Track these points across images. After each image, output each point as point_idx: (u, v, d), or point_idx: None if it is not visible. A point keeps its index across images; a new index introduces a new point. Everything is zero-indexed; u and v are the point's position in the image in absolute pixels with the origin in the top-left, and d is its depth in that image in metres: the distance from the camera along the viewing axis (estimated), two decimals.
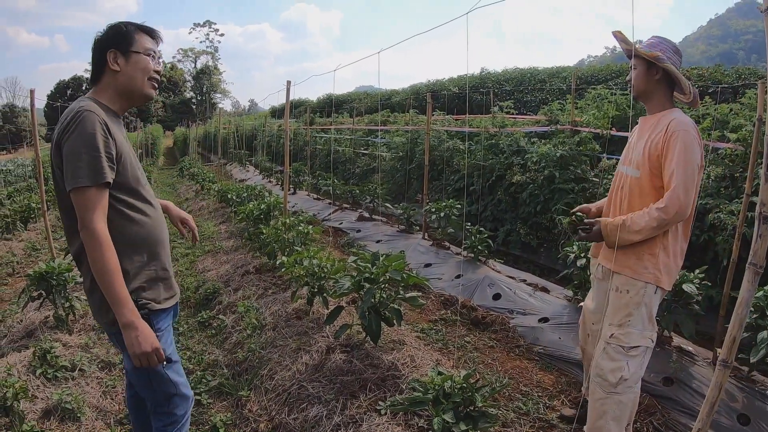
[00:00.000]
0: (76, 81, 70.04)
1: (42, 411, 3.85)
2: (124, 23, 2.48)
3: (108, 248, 2.20)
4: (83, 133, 2.21)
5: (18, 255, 9.78)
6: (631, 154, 3.21)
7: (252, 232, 7.72)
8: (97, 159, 2.21)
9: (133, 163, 2.45)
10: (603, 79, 17.42)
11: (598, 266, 3.43)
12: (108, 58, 2.41)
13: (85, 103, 2.32)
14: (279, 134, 23.28)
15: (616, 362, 3.06)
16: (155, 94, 2.67)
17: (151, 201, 2.55)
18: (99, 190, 2.22)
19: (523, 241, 8.21)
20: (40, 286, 5.27)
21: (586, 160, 7.78)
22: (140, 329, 2.23)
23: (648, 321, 3.06)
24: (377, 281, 4.14)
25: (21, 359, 4.47)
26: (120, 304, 2.20)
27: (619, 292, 3.11)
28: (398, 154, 12.71)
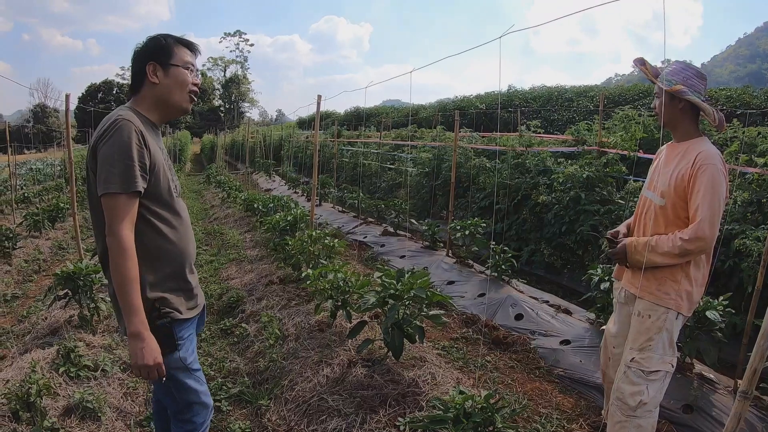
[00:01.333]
0: (107, 84, 71.07)
1: (63, 408, 3.91)
2: (163, 36, 2.52)
3: (130, 257, 2.24)
4: (118, 141, 2.25)
5: (45, 253, 10.01)
6: (656, 180, 3.22)
7: (277, 242, 7.78)
8: (129, 167, 2.25)
9: (167, 175, 2.48)
10: (631, 99, 17.36)
11: (621, 290, 3.45)
12: (147, 71, 2.45)
13: (124, 112, 2.37)
14: (306, 145, 23.41)
15: (636, 386, 3.08)
16: (190, 109, 2.68)
17: (181, 213, 2.58)
18: (129, 198, 2.26)
19: (547, 262, 8.19)
20: (66, 285, 5.38)
21: (612, 182, 7.75)
22: (146, 341, 2.27)
23: (668, 346, 3.08)
24: (402, 298, 4.17)
25: (45, 356, 4.55)
26: (131, 313, 2.25)
27: (641, 317, 3.13)
28: (424, 170, 12.73)
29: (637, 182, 7.10)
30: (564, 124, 18.38)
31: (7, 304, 7.33)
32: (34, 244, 10.34)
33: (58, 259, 9.98)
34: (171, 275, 2.50)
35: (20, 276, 8.66)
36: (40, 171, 25.50)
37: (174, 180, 2.59)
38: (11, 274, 8.52)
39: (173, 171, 2.64)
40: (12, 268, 8.74)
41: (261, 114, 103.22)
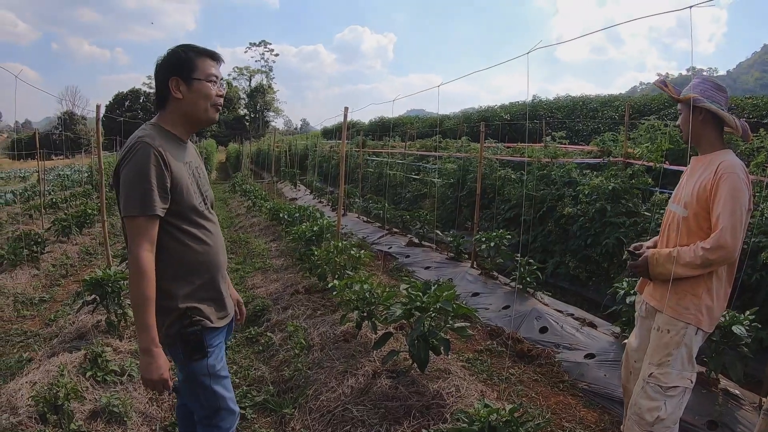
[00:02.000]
0: (134, 93, 71.90)
1: (89, 412, 3.96)
2: (184, 48, 2.53)
3: (146, 277, 2.29)
4: (137, 165, 2.31)
5: (72, 258, 10.14)
6: (681, 193, 3.23)
7: (303, 252, 7.82)
8: (148, 191, 2.29)
9: (191, 191, 2.50)
10: (656, 109, 17.19)
11: (642, 304, 3.44)
12: (170, 86, 2.47)
13: (146, 132, 2.41)
14: (331, 155, 23.48)
15: (653, 401, 3.07)
16: (217, 119, 2.72)
17: (209, 226, 2.61)
18: (148, 220, 2.32)
19: (572, 274, 8.15)
20: (95, 291, 5.44)
21: (638, 193, 7.69)
22: (154, 357, 2.32)
23: (687, 362, 3.07)
24: (427, 310, 4.17)
25: (72, 360, 4.62)
26: (142, 330, 2.30)
27: (660, 332, 3.12)
28: (449, 180, 12.74)
29: (663, 194, 7.04)
30: (589, 135, 18.27)
31: (35, 308, 7.45)
32: (62, 249, 10.48)
33: (85, 264, 10.12)
34: (203, 286, 2.55)
35: (48, 280, 8.79)
36: (68, 177, 25.85)
37: (204, 192, 2.64)
38: (39, 278, 8.65)
39: (205, 182, 2.70)
40: (40, 272, 8.87)
41: (286, 123, 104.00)
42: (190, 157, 2.62)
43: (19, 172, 34.76)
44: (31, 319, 6.99)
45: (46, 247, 9.76)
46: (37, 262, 9.11)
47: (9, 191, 20.97)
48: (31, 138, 17.72)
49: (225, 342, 2.80)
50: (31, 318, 7.06)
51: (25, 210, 15.33)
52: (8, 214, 15.11)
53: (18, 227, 12.26)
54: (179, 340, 2.45)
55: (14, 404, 3.93)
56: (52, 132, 54.82)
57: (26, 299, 7.65)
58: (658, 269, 3.11)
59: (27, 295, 7.79)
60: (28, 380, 4.27)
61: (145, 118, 61.60)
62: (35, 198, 18.01)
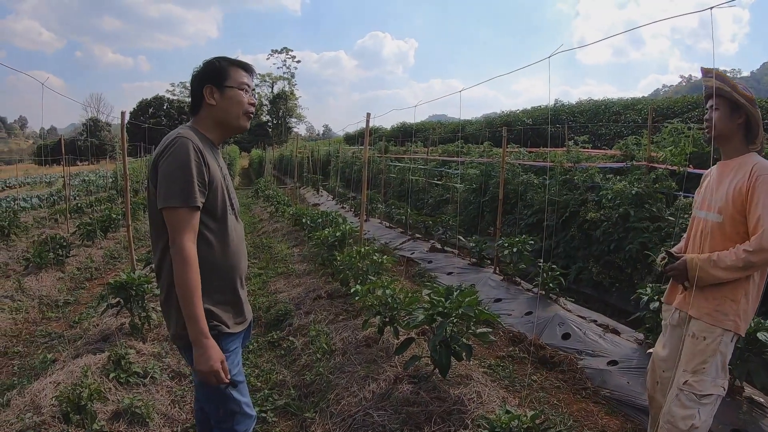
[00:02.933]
0: (158, 100, 72.56)
1: (112, 413, 4.02)
2: (218, 59, 2.62)
3: (192, 267, 2.33)
4: (178, 158, 2.36)
5: (96, 261, 10.29)
6: (710, 199, 3.16)
7: (326, 257, 7.84)
8: (189, 182, 2.35)
9: (224, 192, 2.56)
10: (679, 111, 17.04)
11: (674, 312, 3.36)
12: (205, 93, 2.56)
13: (184, 130, 2.48)
14: (353, 161, 23.52)
15: (688, 410, 3.02)
16: (248, 126, 2.76)
17: (235, 229, 2.65)
18: (190, 211, 2.36)
19: (595, 280, 8.09)
20: (119, 294, 5.53)
21: (661, 198, 7.62)
22: (206, 348, 2.34)
23: (721, 369, 3.03)
24: (450, 315, 4.15)
25: (96, 361, 4.70)
26: (192, 321, 2.33)
27: (695, 339, 3.07)
28: (471, 186, 12.71)
29: (687, 198, 6.96)
30: (612, 139, 18.16)
31: (60, 310, 7.56)
32: (86, 253, 10.63)
33: (109, 267, 10.23)
34: (221, 288, 2.57)
35: (72, 283, 8.92)
36: (93, 182, 26.16)
37: (232, 198, 2.68)
38: (64, 281, 8.78)
39: (232, 189, 2.73)
40: (65, 275, 9.01)
41: (308, 129, 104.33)
42: (221, 162, 2.67)
43: (45, 177, 35.18)
44: (55, 321, 7.09)
45: (71, 251, 9.92)
46: (62, 265, 9.25)
47: (35, 196, 21.29)
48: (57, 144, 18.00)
49: (244, 345, 2.83)
50: (55, 320, 7.15)
51: (50, 214, 15.58)
52: (34, 218, 15.35)
53: (44, 231, 12.47)
54: None
55: (38, 404, 4.00)
56: (77, 138, 55.54)
57: (51, 301, 7.76)
58: (698, 273, 3.03)
59: (52, 298, 7.90)
60: (52, 381, 4.34)
61: (169, 124, 62.20)
62: (61, 203, 18.26)
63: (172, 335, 2.56)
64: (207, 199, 2.45)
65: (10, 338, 6.42)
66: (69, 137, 53.97)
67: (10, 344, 6.25)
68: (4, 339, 6.34)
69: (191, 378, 4.84)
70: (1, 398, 4.40)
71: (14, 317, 6.94)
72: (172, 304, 2.45)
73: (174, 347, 5.38)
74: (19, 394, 4.27)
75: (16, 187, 29.91)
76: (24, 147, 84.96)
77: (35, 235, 12.11)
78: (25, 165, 44.13)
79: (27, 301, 7.49)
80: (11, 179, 33.05)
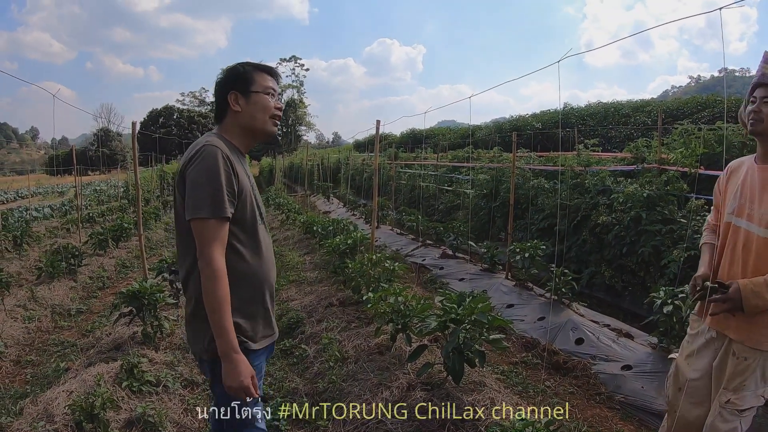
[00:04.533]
0: (168, 110, 72.92)
1: (125, 421, 4.02)
2: (242, 64, 2.58)
3: (221, 280, 2.26)
4: (207, 166, 2.30)
5: (108, 271, 10.34)
6: (750, 208, 2.91)
7: (337, 265, 7.84)
8: (218, 192, 2.29)
9: (253, 201, 2.51)
10: (689, 112, 16.99)
11: (707, 332, 3.15)
12: (229, 100, 2.51)
13: (211, 138, 2.43)
14: (363, 168, 23.59)
15: (730, 423, 2.93)
16: (276, 131, 2.71)
17: (264, 239, 2.60)
18: (219, 222, 2.30)
19: (608, 284, 8.05)
20: (131, 303, 5.56)
21: (673, 200, 7.57)
22: (236, 363, 2.28)
23: (761, 380, 2.91)
24: (462, 322, 4.14)
25: (108, 370, 4.71)
26: (221, 335, 2.26)
27: (736, 358, 2.93)
28: (482, 191, 12.70)
29: (699, 200, 6.92)
30: (622, 141, 18.12)
31: (72, 318, 7.59)
32: (98, 262, 10.68)
33: (121, 276, 10.28)
34: (251, 300, 2.52)
35: (85, 292, 8.96)
36: (104, 192, 26.32)
37: (260, 206, 2.63)
38: (76, 290, 8.82)
39: (260, 198, 2.67)
40: (77, 284, 9.05)
41: (318, 137, 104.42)
42: (249, 170, 2.63)
43: (56, 187, 35.41)
44: (68, 330, 7.11)
45: (83, 260, 9.96)
46: (74, 274, 9.29)
47: (47, 206, 21.41)
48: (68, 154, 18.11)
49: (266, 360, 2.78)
50: (68, 329, 7.17)
51: (62, 224, 15.67)
52: (46, 228, 15.44)
53: (56, 241, 12.52)
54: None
55: (51, 412, 4.01)
56: (89, 148, 55.85)
57: (64, 310, 7.79)
58: (754, 301, 2.72)
59: (64, 307, 7.92)
60: (65, 389, 4.35)
61: (179, 134, 62.37)
62: (72, 212, 18.32)
63: (198, 350, 2.49)
64: (236, 209, 2.39)
65: (23, 347, 6.43)
66: (80, 147, 54.28)
67: (23, 353, 6.26)
68: (17, 348, 6.36)
69: (204, 387, 4.86)
70: (15, 407, 4.43)
71: (27, 326, 6.96)
72: (199, 318, 2.38)
73: (187, 355, 5.39)
74: (32, 402, 4.28)
75: (28, 197, 30.07)
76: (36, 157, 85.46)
77: (47, 244, 12.15)
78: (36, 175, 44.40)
79: (40, 310, 7.52)
80: (23, 189, 33.22)
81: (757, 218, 2.85)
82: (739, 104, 3.04)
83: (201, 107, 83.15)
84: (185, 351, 5.54)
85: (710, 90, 24.64)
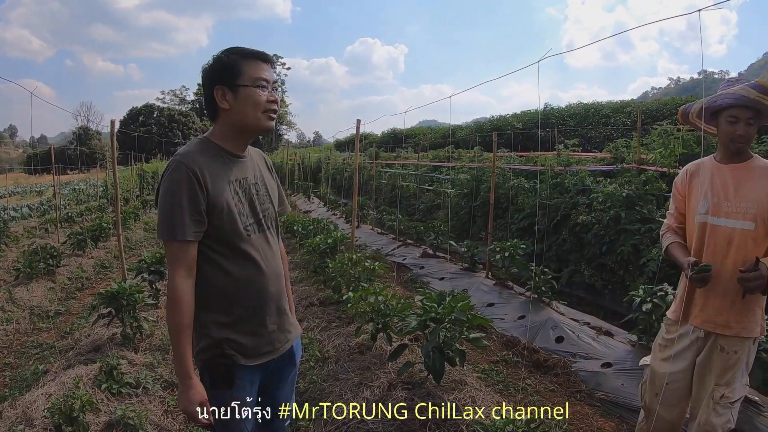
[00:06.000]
0: (148, 108, 72.32)
1: (104, 424, 4.00)
2: (227, 52, 2.31)
3: (180, 305, 2.17)
4: (168, 187, 2.18)
5: (87, 271, 10.26)
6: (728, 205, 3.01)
7: (318, 264, 7.84)
8: (179, 214, 2.15)
9: (233, 214, 2.29)
10: (668, 113, 17.12)
11: (693, 330, 3.16)
12: (216, 96, 2.27)
13: (188, 149, 2.28)
14: (344, 168, 23.58)
15: (724, 417, 3.00)
16: (273, 126, 2.42)
17: (260, 251, 2.39)
18: (180, 245, 2.18)
19: (588, 283, 8.11)
20: (110, 304, 5.52)
21: (652, 199, 7.64)
22: (187, 388, 2.20)
23: (745, 371, 3.04)
24: (442, 321, 4.15)
25: (87, 372, 4.68)
26: (176, 359, 2.21)
27: (726, 353, 3.01)
28: (462, 191, 12.74)
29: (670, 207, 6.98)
30: (602, 142, 18.25)
31: (51, 320, 7.51)
32: (77, 263, 10.57)
33: (100, 277, 10.20)
34: (242, 318, 2.36)
35: (63, 293, 8.89)
36: (83, 191, 26.07)
37: (261, 212, 2.44)
38: (55, 291, 8.74)
39: (265, 199, 2.48)
40: (56, 285, 8.96)
41: (299, 136, 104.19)
42: (246, 173, 2.42)
43: (34, 186, 35.02)
44: (46, 332, 7.04)
45: (62, 261, 9.88)
46: (52, 275, 9.20)
47: (25, 206, 21.17)
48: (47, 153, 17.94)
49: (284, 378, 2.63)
50: (46, 330, 7.10)
51: (41, 224, 15.51)
52: (24, 228, 15.29)
53: (34, 241, 12.40)
54: (207, 367, 2.32)
55: (30, 416, 3.99)
56: (67, 147, 55.32)
57: (42, 312, 7.72)
58: None
59: (43, 308, 7.85)
60: (44, 392, 4.32)
61: (159, 133, 61.89)
62: (51, 212, 18.15)
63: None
64: (210, 225, 2.23)
65: (1, 349, 6.38)
66: (59, 146, 53.72)
67: (1, 355, 6.22)
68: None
69: None
70: None
71: (5, 328, 6.90)
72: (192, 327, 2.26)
73: (167, 357, 5.38)
74: (10, 406, 4.24)
75: (5, 196, 29.71)
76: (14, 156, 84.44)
77: (26, 245, 12.04)
78: (14, 174, 43.84)
79: (18, 311, 7.45)
80: (0, 189, 32.88)
81: (739, 213, 2.97)
82: None
83: (181, 105, 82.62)
84: (165, 352, 5.52)
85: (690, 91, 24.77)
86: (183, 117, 71.98)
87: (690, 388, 3.18)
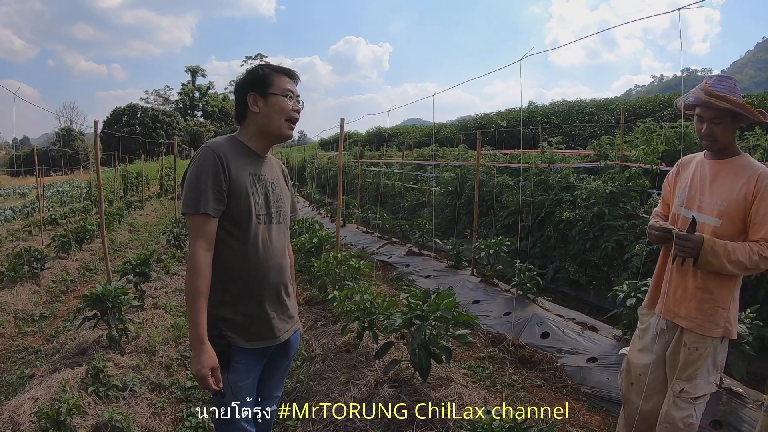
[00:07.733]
0: (131, 108, 72.14)
1: (92, 427, 3.97)
2: (261, 66, 2.63)
3: (200, 274, 2.39)
4: (197, 167, 2.44)
5: (72, 274, 10.15)
6: (700, 200, 3.08)
7: (303, 264, 7.84)
8: (203, 190, 2.39)
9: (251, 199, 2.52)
10: (651, 111, 17.22)
11: (658, 322, 3.27)
12: (248, 101, 2.58)
13: (216, 139, 2.59)
14: (329, 167, 23.55)
15: (685, 411, 3.03)
16: (292, 135, 2.78)
17: (265, 239, 2.60)
18: (202, 218, 2.41)
19: (572, 279, 8.16)
20: (95, 306, 5.49)
21: (635, 196, 7.70)
22: (199, 352, 2.37)
23: (713, 368, 3.04)
24: (428, 319, 4.17)
25: (74, 375, 4.64)
26: (192, 325, 2.39)
27: (688, 349, 3.06)
28: (447, 189, 12.76)
29: (660, 196, 7.03)
30: (585, 139, 18.32)
31: (36, 324, 7.44)
32: (62, 265, 10.49)
33: (85, 279, 10.11)
34: (242, 296, 2.57)
35: (48, 296, 8.80)
36: (67, 193, 25.92)
37: (275, 207, 2.68)
38: (39, 295, 8.65)
39: (281, 197, 2.74)
40: (40, 289, 8.87)
41: None
42: (264, 171, 2.68)
43: (18, 189, 34.73)
44: (32, 336, 6.99)
45: (46, 264, 9.80)
46: (37, 278, 9.12)
47: (8, 208, 21.03)
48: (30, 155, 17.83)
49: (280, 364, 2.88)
50: (32, 334, 7.05)
51: (24, 226, 15.35)
52: (8, 230, 15.12)
53: (18, 244, 12.26)
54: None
55: (16, 420, 3.96)
56: (51, 148, 54.84)
57: (27, 315, 7.65)
58: (708, 257, 2.86)
59: (28, 312, 7.78)
60: (30, 396, 4.29)
61: (143, 133, 61.59)
62: (34, 214, 18.01)
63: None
64: (228, 206, 2.47)
65: None
66: (42, 147, 53.18)
67: None
68: None
69: (171, 390, 4.84)
70: None
71: None
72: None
73: (153, 359, 5.37)
74: None
75: None
76: None
77: (9, 248, 11.91)
78: None
79: (2, 315, 7.38)
80: None
81: (707, 209, 3.03)
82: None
83: (165, 105, 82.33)
84: (151, 354, 5.51)
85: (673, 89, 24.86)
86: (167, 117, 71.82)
87: (665, 381, 3.23)
